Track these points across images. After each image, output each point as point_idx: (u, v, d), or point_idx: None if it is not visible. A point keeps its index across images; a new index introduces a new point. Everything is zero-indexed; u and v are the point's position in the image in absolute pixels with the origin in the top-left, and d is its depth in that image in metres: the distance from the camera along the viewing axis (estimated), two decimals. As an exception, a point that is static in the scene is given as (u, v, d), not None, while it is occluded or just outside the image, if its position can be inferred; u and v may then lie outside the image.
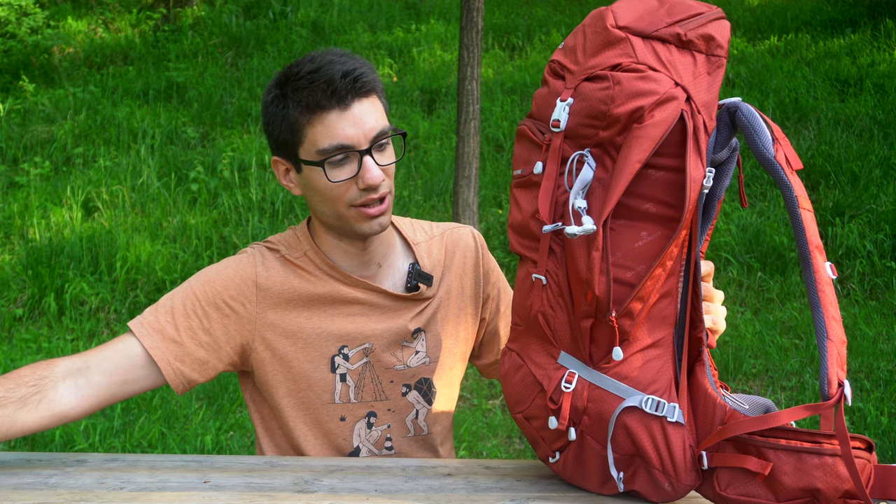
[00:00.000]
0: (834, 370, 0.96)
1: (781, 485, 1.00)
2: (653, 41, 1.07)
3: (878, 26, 8.03)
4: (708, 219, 1.14)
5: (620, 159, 1.06)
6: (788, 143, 1.05)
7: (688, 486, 1.10)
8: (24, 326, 4.77)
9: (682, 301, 1.11)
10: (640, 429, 1.09)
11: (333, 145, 1.31)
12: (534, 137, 1.16)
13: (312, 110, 1.30)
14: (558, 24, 8.76)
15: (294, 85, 1.32)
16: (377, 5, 9.33)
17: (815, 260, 0.99)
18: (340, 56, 1.34)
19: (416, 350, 1.47)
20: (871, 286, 4.92)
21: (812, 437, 0.99)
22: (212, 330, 1.39)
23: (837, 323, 0.99)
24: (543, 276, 1.15)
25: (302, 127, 1.32)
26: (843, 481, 0.97)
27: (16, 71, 7.72)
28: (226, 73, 7.73)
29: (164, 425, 3.76)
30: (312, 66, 1.32)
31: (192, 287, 1.40)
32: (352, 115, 1.31)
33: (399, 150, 1.37)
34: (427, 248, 1.52)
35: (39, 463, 1.31)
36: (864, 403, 3.77)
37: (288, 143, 1.36)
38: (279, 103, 1.34)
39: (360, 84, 1.30)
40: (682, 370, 1.10)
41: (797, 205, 1.01)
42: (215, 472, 1.28)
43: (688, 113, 1.04)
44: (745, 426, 1.02)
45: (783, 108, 6.68)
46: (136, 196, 5.90)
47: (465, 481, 1.24)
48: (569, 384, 1.13)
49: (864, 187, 5.62)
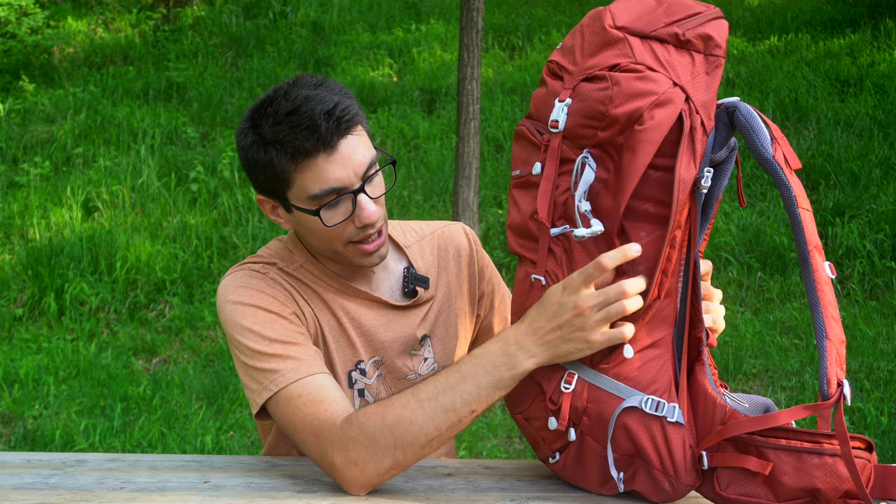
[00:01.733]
0: (833, 370, 0.96)
1: (781, 485, 1.00)
2: (651, 41, 1.07)
3: (878, 26, 8.02)
4: (706, 218, 1.14)
5: (625, 163, 1.06)
6: (787, 142, 1.04)
7: (688, 486, 1.10)
8: (24, 326, 4.77)
9: (681, 301, 1.11)
10: (639, 429, 1.08)
11: (325, 190, 1.24)
12: (532, 138, 1.16)
13: (298, 158, 1.23)
14: (558, 24, 8.76)
15: (273, 130, 1.24)
16: (377, 5, 9.33)
17: (813, 259, 0.99)
18: (315, 88, 1.26)
19: (424, 357, 1.45)
20: (871, 286, 4.92)
21: (812, 437, 0.99)
22: (299, 329, 1.32)
23: (836, 322, 0.98)
24: (542, 276, 1.15)
25: (289, 174, 1.25)
26: (843, 481, 0.97)
27: (16, 71, 7.72)
28: (226, 73, 7.73)
29: (164, 425, 3.75)
30: (289, 105, 1.23)
31: (244, 322, 1.30)
32: (340, 157, 1.24)
33: (389, 180, 1.31)
34: (419, 249, 1.49)
35: (39, 463, 1.31)
36: (864, 403, 3.76)
37: (275, 188, 1.29)
38: (260, 150, 1.26)
39: (343, 123, 1.24)
40: (682, 370, 1.10)
41: (796, 204, 1.00)
42: (215, 472, 1.27)
43: (686, 113, 1.04)
44: (745, 426, 1.02)
45: (783, 108, 6.67)
46: (136, 196, 5.90)
47: (465, 481, 1.24)
48: (568, 385, 1.13)
49: (864, 187, 5.62)
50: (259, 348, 1.27)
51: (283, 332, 1.28)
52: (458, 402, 1.13)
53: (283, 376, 1.24)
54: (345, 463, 1.15)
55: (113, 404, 3.92)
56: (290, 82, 1.28)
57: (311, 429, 1.19)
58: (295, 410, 1.22)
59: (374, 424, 1.14)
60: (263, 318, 1.29)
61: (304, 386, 1.23)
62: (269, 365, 1.25)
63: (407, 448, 1.14)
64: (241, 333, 1.28)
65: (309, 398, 1.21)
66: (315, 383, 1.23)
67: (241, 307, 1.30)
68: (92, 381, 4.15)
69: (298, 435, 1.22)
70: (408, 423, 1.13)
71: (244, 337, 1.28)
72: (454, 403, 1.13)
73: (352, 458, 1.14)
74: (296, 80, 1.29)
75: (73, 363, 4.33)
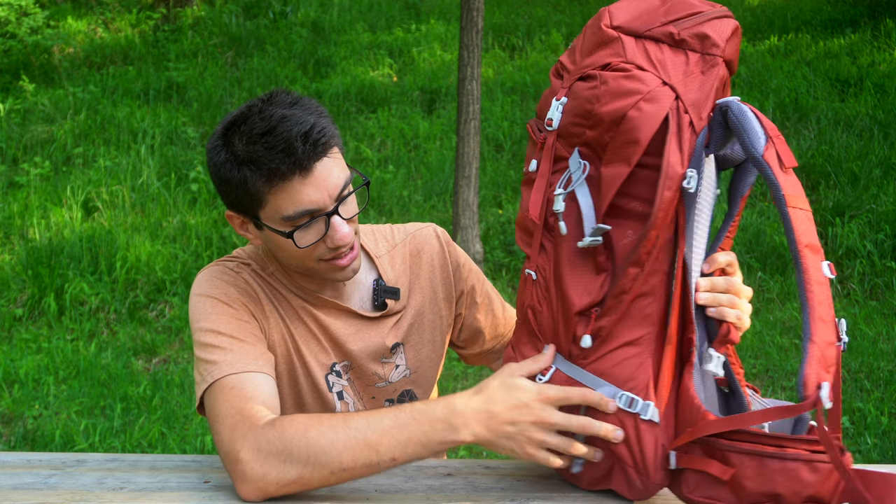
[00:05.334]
0: (814, 371, 0.94)
1: (744, 489, 1.00)
2: (645, 40, 1.08)
3: (878, 26, 8.03)
4: (731, 214, 1.14)
5: (608, 161, 1.08)
6: (783, 141, 1.03)
7: (657, 484, 1.10)
8: (24, 326, 4.77)
9: (669, 301, 1.10)
10: (613, 424, 1.10)
11: (299, 212, 1.23)
12: (533, 136, 1.18)
13: (273, 180, 1.21)
14: (558, 24, 8.76)
15: (248, 149, 1.21)
16: (377, 5, 9.33)
17: (804, 259, 0.98)
18: (291, 108, 1.23)
19: (396, 364, 1.45)
20: (871, 286, 4.92)
21: (777, 441, 0.98)
22: (253, 330, 1.33)
23: (826, 324, 0.96)
24: (534, 271, 1.18)
25: (263, 195, 1.23)
26: (805, 486, 0.95)
27: (16, 71, 7.72)
28: (226, 73, 7.74)
29: (164, 425, 3.75)
30: (264, 124, 1.21)
31: (202, 314, 1.31)
32: (314, 179, 1.22)
33: (363, 199, 1.29)
34: (390, 259, 1.48)
35: (39, 463, 1.31)
36: (864, 403, 3.76)
37: (247, 207, 1.27)
38: (233, 168, 1.23)
39: (320, 146, 1.22)
40: (665, 370, 1.09)
41: (785, 203, 0.99)
42: (215, 472, 1.27)
43: (673, 111, 1.04)
44: (711, 427, 1.02)
45: (783, 108, 6.68)
46: (136, 196, 5.90)
47: (465, 481, 1.24)
48: (543, 377, 1.15)
49: (864, 187, 5.62)
50: (207, 340, 1.27)
51: (235, 327, 1.28)
52: (384, 446, 1.11)
53: (220, 368, 1.23)
54: (251, 461, 1.12)
55: (113, 404, 3.92)
56: (265, 99, 1.26)
57: (230, 421, 1.17)
58: (222, 401, 1.19)
59: (295, 434, 1.12)
60: (220, 311, 1.30)
61: (238, 380, 1.21)
62: (212, 356, 1.25)
63: (317, 467, 1.11)
64: (198, 324, 1.30)
65: (239, 393, 1.20)
66: (250, 380, 1.22)
67: (204, 299, 1.31)
68: (92, 381, 4.15)
69: (217, 426, 1.19)
70: (327, 445, 1.11)
71: (199, 329, 1.29)
72: (379, 445, 1.11)
73: (260, 459, 1.12)
74: (270, 96, 1.26)
75: (73, 363, 4.33)
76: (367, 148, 6.63)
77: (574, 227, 1.12)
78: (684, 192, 1.05)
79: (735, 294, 1.13)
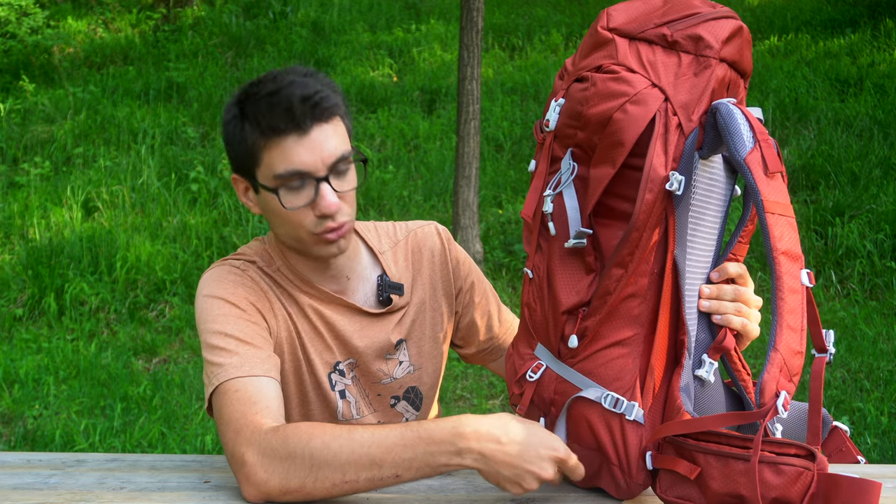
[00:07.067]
0: (773, 378, 0.95)
1: (710, 489, 1.00)
2: (638, 42, 1.08)
3: (878, 26, 8.03)
4: (744, 219, 1.14)
5: (596, 163, 1.09)
6: (772, 145, 1.02)
7: (639, 484, 1.11)
8: (24, 326, 4.77)
9: (658, 302, 1.10)
10: (600, 424, 1.11)
11: (289, 171, 1.25)
12: (536, 136, 1.20)
13: (269, 135, 1.25)
14: (558, 24, 8.76)
15: (253, 106, 1.27)
16: (377, 5, 9.33)
17: (778, 266, 0.97)
18: (303, 76, 1.29)
19: (399, 361, 1.45)
20: (871, 286, 4.92)
21: (743, 442, 0.98)
22: (261, 332, 1.33)
23: (794, 332, 0.97)
24: (531, 269, 1.19)
25: (259, 150, 1.27)
26: (769, 489, 0.95)
27: (16, 71, 7.72)
28: (226, 73, 7.74)
29: (164, 425, 3.75)
30: (273, 86, 1.26)
31: (209, 316, 1.32)
32: (310, 141, 1.25)
33: (361, 176, 1.30)
34: (392, 255, 1.49)
35: (39, 463, 1.31)
36: (864, 403, 3.76)
37: (245, 165, 1.31)
38: (237, 123, 1.29)
39: (319, 109, 1.25)
40: (653, 371, 1.09)
41: (763, 209, 0.99)
42: (215, 472, 1.28)
43: (661, 113, 1.04)
44: (674, 427, 1.03)
45: (783, 108, 6.67)
46: (136, 196, 5.90)
47: (465, 481, 1.24)
48: (534, 374, 1.17)
49: (864, 187, 5.62)
50: (215, 342, 1.27)
51: (242, 329, 1.28)
52: (387, 462, 1.10)
53: (227, 371, 1.23)
54: (255, 464, 1.12)
55: (113, 404, 3.92)
56: (284, 69, 1.32)
57: (235, 425, 1.17)
58: (228, 404, 1.20)
59: (299, 442, 1.12)
60: (228, 312, 1.30)
61: (243, 383, 1.22)
62: (219, 359, 1.25)
63: (319, 478, 1.10)
64: (205, 325, 1.30)
65: (244, 396, 1.20)
66: (255, 384, 1.22)
67: (211, 300, 1.32)
68: (92, 381, 4.15)
69: (222, 428, 1.20)
70: (331, 456, 1.11)
71: (207, 330, 1.29)
72: (383, 461, 1.10)
73: (264, 464, 1.12)
74: (290, 68, 1.32)
75: (73, 363, 4.33)
76: (367, 148, 6.63)
77: (561, 228, 1.13)
78: (674, 196, 1.05)
79: (744, 303, 1.13)
